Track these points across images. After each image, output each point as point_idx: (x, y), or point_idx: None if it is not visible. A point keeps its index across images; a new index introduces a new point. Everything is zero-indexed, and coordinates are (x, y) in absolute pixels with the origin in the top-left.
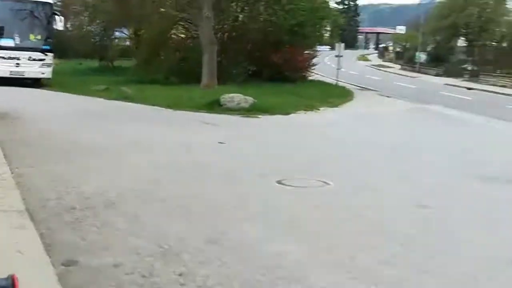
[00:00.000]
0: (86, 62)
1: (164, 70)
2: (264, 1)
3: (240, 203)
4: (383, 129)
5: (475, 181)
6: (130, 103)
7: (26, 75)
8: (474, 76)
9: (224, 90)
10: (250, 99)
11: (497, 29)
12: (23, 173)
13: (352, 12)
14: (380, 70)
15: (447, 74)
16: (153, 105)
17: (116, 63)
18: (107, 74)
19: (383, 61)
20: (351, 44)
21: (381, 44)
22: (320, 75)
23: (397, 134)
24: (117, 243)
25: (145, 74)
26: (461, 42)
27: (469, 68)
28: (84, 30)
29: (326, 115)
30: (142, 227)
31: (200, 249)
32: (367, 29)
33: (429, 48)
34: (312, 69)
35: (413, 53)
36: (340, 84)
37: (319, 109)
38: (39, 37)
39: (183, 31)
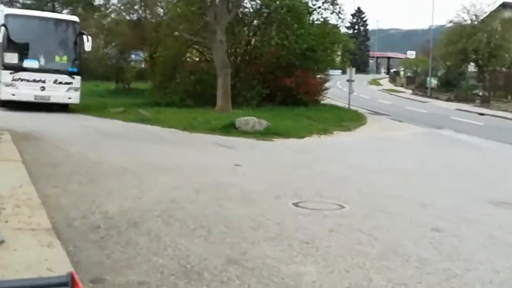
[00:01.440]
0: (102, 84)
1: (180, 93)
2: (275, 26)
3: (258, 224)
4: (396, 153)
5: (488, 204)
6: (147, 126)
7: (52, 100)
8: (485, 101)
9: (238, 113)
10: (265, 122)
11: (507, 55)
12: (48, 193)
13: (362, 36)
14: (391, 94)
15: (458, 99)
16: (170, 127)
17: (133, 85)
18: (124, 96)
19: (394, 85)
20: (362, 68)
21: (391, 68)
22: (332, 99)
23: (410, 158)
24: (141, 262)
25: (161, 97)
26: (471, 67)
27: (480, 93)
28: (100, 52)
29: (340, 139)
30: (164, 247)
31: (221, 269)
32: (378, 54)
33: (439, 73)
34: (325, 93)
35: (424, 78)
36: (352, 108)
37: (332, 133)
38: (65, 58)
39: (197, 54)
